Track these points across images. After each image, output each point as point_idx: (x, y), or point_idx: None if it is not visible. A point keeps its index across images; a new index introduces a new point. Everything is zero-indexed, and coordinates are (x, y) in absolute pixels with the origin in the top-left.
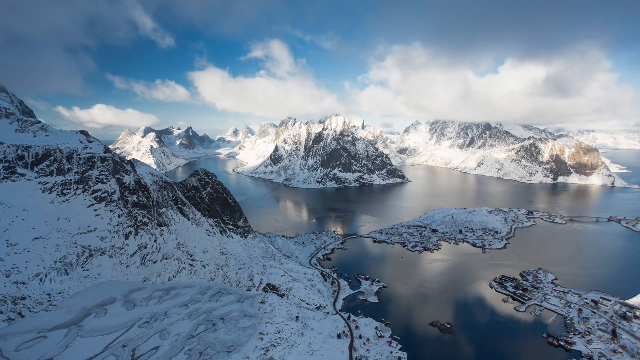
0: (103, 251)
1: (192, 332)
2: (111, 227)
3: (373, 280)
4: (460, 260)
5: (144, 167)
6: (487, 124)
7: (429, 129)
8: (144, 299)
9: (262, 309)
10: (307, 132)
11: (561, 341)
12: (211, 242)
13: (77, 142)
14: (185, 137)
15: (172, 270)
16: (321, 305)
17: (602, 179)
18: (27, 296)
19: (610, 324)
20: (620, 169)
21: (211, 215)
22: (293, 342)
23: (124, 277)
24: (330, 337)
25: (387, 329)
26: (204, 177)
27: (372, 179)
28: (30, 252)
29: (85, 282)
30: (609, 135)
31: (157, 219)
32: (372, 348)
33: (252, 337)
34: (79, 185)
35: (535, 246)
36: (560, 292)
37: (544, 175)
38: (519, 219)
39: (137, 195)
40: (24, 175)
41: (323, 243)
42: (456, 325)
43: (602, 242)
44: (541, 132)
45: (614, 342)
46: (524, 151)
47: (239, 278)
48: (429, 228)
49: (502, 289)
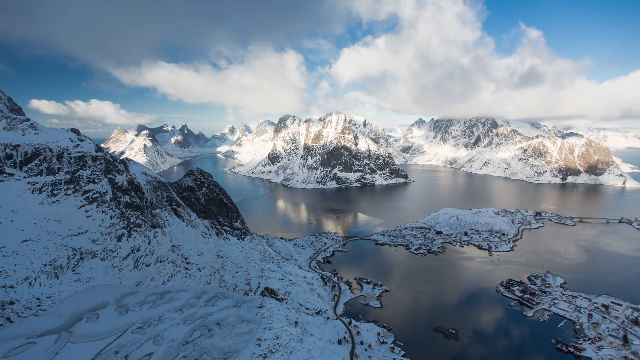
0: (95, 254)
1: (187, 337)
2: (103, 229)
3: (375, 284)
4: (465, 264)
5: (137, 166)
6: (494, 122)
7: (433, 127)
8: (137, 304)
9: (260, 313)
10: (306, 130)
11: (570, 347)
12: (207, 244)
13: (67, 141)
14: (180, 136)
15: (167, 274)
16: (321, 310)
17: (613, 179)
18: (15, 300)
19: (621, 329)
20: (632, 169)
21: (207, 216)
22: (292, 349)
23: (116, 281)
24: (331, 343)
25: (389, 335)
26: (199, 177)
27: (374, 178)
28: (19, 254)
29: (76, 286)
30: (620, 134)
31: (151, 221)
32: (374, 354)
33: (249, 343)
34: (69, 186)
35: (544, 249)
36: (570, 297)
37: (553, 175)
38: (526, 221)
39: (130, 195)
40: (12, 175)
41: (323, 245)
42: (461, 330)
43: (613, 245)
44: (550, 130)
45: (625, 349)
46: (531, 150)
47: (235, 282)
48: (433, 230)
49: (509, 293)
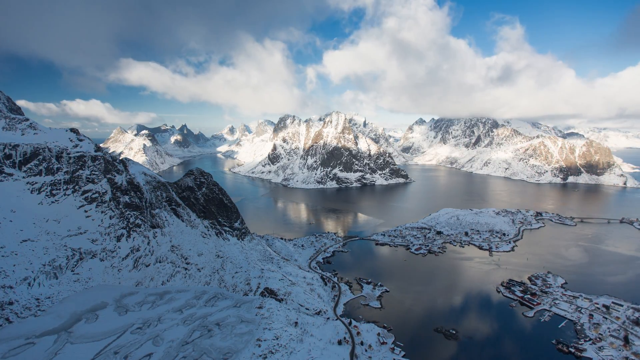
0: (94, 254)
1: (186, 338)
2: (102, 229)
3: (375, 284)
4: (466, 264)
5: (137, 166)
6: (494, 122)
7: (433, 126)
8: (136, 304)
9: (260, 314)
10: (306, 130)
11: (571, 348)
12: (206, 244)
13: (67, 141)
14: (180, 135)
15: (166, 274)
16: (321, 311)
17: (614, 179)
18: (14, 301)
19: (622, 330)
20: (633, 169)
21: (206, 216)
22: (292, 349)
23: (115, 281)
24: (331, 344)
25: (390, 335)
26: (199, 177)
27: (375, 178)
28: (18, 255)
29: (76, 286)
30: (621, 133)
31: (151, 221)
32: (374, 355)
33: (249, 344)
34: (68, 186)
35: (544, 249)
36: (570, 297)
37: (554, 175)
38: (527, 221)
39: (129, 195)
40: (11, 175)
41: (323, 246)
42: (462, 331)
43: (614, 245)
44: (550, 130)
45: (626, 349)
46: (532, 150)
47: (235, 282)
48: (434, 230)
49: (510, 293)
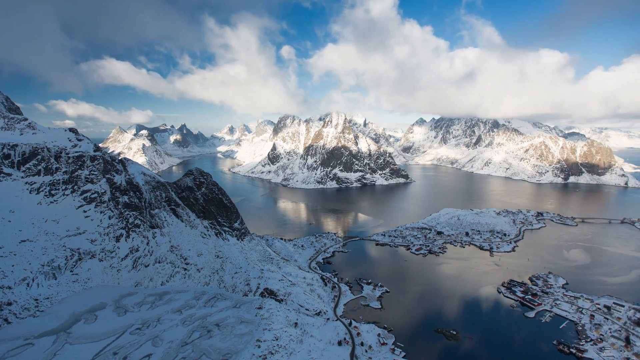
0: (93, 254)
1: (186, 339)
2: (101, 229)
3: (375, 284)
4: (466, 264)
5: (136, 166)
6: (495, 122)
7: (434, 126)
8: (135, 305)
9: (260, 314)
10: (306, 129)
11: (572, 348)
12: (206, 245)
13: (65, 141)
14: (179, 135)
15: (166, 275)
16: (321, 311)
17: (615, 179)
18: (13, 301)
19: (623, 330)
20: (634, 169)
21: (206, 216)
22: (292, 350)
23: (115, 282)
24: (331, 345)
25: (390, 336)
26: (198, 177)
27: (375, 178)
28: (17, 255)
29: (75, 286)
30: (622, 133)
31: (150, 221)
32: (375, 356)
33: (248, 345)
34: (67, 186)
35: (545, 249)
36: (572, 298)
37: (555, 175)
38: (528, 221)
39: (128, 196)
40: (10, 175)
41: (323, 246)
42: (462, 332)
43: (615, 245)
44: (551, 130)
45: (627, 350)
46: (533, 150)
47: (235, 282)
48: (434, 230)
49: (511, 294)
